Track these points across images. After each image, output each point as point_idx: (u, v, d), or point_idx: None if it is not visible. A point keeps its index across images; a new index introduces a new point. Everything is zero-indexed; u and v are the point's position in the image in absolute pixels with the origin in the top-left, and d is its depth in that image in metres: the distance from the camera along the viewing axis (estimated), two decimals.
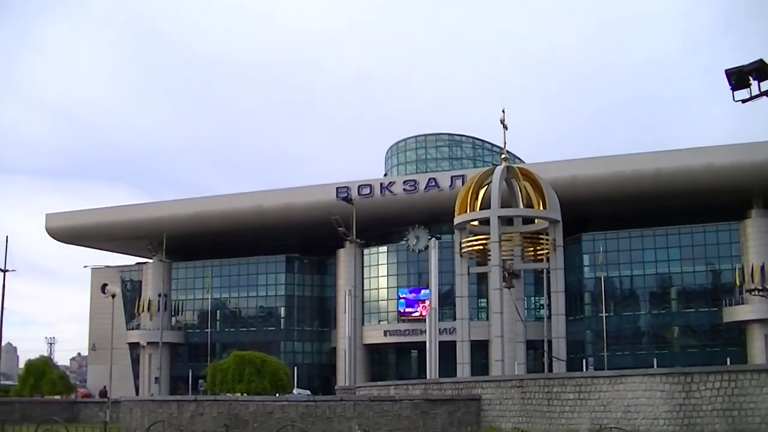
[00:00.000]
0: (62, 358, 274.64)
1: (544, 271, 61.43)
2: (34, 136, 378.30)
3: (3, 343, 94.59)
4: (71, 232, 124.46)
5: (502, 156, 62.57)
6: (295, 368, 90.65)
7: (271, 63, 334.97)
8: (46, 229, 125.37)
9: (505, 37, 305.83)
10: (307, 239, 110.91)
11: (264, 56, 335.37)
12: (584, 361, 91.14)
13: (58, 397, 77.37)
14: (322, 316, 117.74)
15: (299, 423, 32.05)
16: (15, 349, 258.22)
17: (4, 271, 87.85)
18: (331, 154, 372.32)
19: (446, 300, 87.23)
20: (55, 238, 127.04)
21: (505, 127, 62.49)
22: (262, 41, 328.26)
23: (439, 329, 69.55)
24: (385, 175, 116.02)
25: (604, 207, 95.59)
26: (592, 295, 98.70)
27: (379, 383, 62.59)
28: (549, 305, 60.61)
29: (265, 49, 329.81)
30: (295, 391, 78.47)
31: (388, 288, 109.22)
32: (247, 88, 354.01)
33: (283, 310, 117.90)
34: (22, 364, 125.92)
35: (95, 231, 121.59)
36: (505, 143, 63.28)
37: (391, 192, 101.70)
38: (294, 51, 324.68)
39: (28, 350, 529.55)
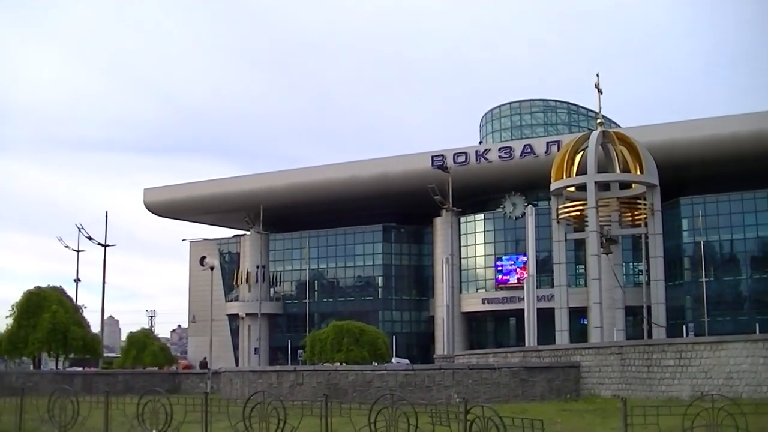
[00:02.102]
0: (163, 331, 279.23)
1: (642, 236, 60.88)
2: (131, 113, 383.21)
3: (105, 317, 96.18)
4: (169, 206, 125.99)
5: (598, 121, 61.96)
6: (394, 337, 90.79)
7: (366, 32, 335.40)
8: (145, 204, 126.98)
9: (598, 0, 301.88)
10: (404, 208, 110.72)
11: (359, 25, 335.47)
12: (684, 327, 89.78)
13: (159, 368, 78.41)
14: (419, 284, 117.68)
15: (398, 392, 31.99)
16: (117, 322, 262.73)
17: (105, 245, 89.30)
18: (426, 123, 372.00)
19: (544, 267, 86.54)
20: (153, 213, 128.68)
21: (600, 92, 61.86)
22: (356, 10, 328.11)
23: (537, 296, 69.26)
24: (480, 142, 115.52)
25: (702, 170, 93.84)
26: (692, 260, 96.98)
27: (478, 351, 62.55)
28: (648, 271, 59.98)
29: (360, 18, 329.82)
30: (393, 360, 78.72)
31: (485, 256, 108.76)
32: (341, 58, 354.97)
33: (380, 279, 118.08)
34: (124, 337, 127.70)
35: (192, 204, 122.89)
36: (600, 108, 62.64)
37: (486, 159, 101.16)
38: (388, 19, 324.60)
39: (130, 323, 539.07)
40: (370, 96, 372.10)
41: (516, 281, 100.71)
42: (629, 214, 59.92)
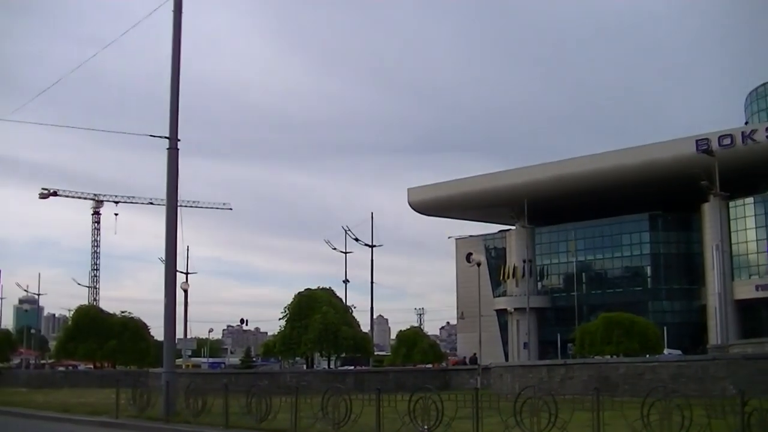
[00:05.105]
0: (432, 328, 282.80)
1: None
2: (394, 115, 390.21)
3: (375, 316, 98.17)
4: (433, 205, 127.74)
5: None
6: (665, 328, 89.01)
7: (620, 17, 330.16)
8: (409, 203, 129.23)
9: None
10: (668, 195, 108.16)
11: (613, 11, 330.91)
12: None
13: (429, 365, 79.27)
14: (689, 273, 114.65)
15: (670, 384, 31.30)
16: (386, 321, 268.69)
17: (372, 246, 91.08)
18: (688, 106, 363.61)
19: None
20: (417, 212, 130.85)
21: None
22: None
23: None
24: (746, 123, 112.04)
25: None
26: None
27: (753, 340, 60.67)
28: None
29: (613, 3, 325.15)
30: (666, 351, 77.21)
31: (757, 240, 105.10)
32: (599, 47, 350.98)
33: (648, 269, 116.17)
34: (393, 335, 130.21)
35: (456, 202, 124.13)
36: None
37: (753, 140, 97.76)
38: (640, 5, 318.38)
39: (399, 321, 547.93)
40: (630, 82, 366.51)
41: None
42: None
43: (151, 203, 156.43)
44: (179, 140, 31.39)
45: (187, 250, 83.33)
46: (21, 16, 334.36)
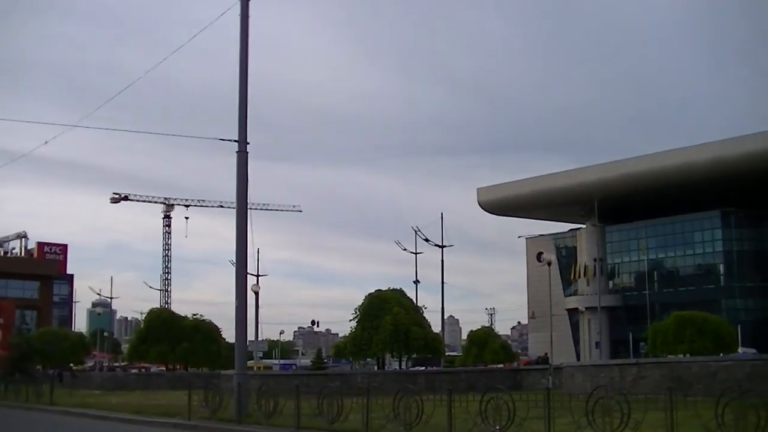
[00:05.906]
0: (503, 328, 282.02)
1: None
2: (459, 115, 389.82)
3: (445, 316, 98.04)
4: (503, 204, 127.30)
5: None
6: (739, 326, 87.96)
7: (678, 15, 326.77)
8: (479, 203, 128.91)
9: None
10: (741, 191, 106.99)
11: (674, 13, 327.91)
12: None
13: (500, 365, 79.11)
14: (763, 270, 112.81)
15: (745, 383, 30.88)
16: (457, 321, 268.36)
17: (442, 246, 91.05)
18: (757, 101, 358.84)
19: None
20: (487, 211, 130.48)
21: None
22: None
23: None
24: None
25: None
26: None
27: None
28: None
29: (673, 5, 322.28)
30: (740, 350, 76.33)
31: None
32: (660, 45, 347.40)
33: (721, 266, 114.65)
34: (464, 336, 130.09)
35: (526, 201, 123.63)
36: None
37: None
38: (702, 2, 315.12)
39: (470, 322, 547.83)
40: (697, 78, 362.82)
41: None
42: None
43: (222, 206, 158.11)
44: (248, 143, 31.63)
45: (258, 252, 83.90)
46: (88, 24, 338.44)
